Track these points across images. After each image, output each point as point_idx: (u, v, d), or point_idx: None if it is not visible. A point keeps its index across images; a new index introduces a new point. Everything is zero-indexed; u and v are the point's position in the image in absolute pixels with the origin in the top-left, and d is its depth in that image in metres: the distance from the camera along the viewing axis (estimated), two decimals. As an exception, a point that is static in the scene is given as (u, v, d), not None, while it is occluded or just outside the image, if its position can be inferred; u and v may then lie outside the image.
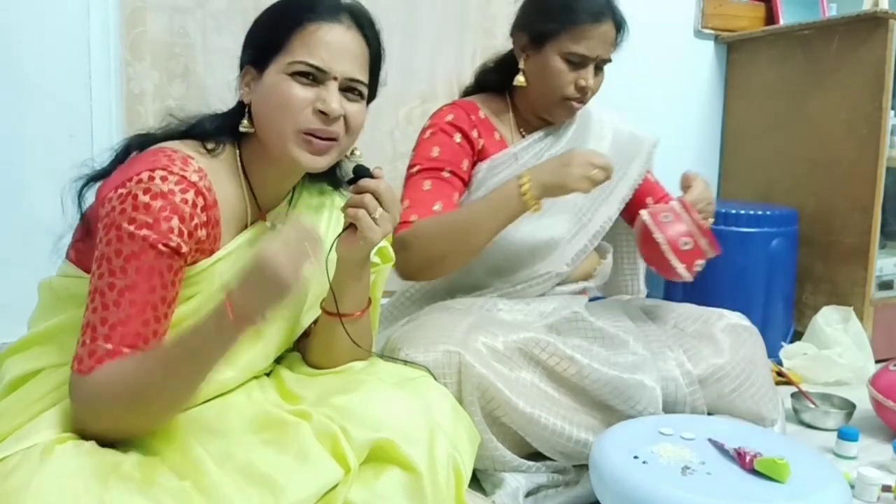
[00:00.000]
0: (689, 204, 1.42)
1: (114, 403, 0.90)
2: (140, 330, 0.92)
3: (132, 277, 0.92)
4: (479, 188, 1.53)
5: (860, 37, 2.16)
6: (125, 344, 0.91)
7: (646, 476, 1.06)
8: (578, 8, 1.46)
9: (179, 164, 0.97)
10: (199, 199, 0.97)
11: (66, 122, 1.70)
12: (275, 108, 1.01)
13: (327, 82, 1.01)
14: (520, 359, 1.32)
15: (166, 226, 0.93)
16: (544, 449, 1.29)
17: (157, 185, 0.94)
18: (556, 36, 1.47)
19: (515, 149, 1.56)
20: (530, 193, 1.34)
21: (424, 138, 1.54)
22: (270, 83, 1.01)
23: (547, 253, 1.54)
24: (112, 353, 0.90)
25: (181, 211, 0.95)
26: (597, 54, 1.48)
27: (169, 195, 0.94)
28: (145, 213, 0.93)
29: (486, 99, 1.62)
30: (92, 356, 0.90)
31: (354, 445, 0.95)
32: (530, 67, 1.53)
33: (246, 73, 1.05)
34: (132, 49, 1.70)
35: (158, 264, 0.94)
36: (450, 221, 1.42)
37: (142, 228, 0.92)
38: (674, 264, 1.40)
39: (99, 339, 0.91)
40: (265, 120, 1.03)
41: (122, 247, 0.92)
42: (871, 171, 2.13)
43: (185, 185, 0.96)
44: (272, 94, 1.01)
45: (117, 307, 0.91)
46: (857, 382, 1.96)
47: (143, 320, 0.93)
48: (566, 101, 1.52)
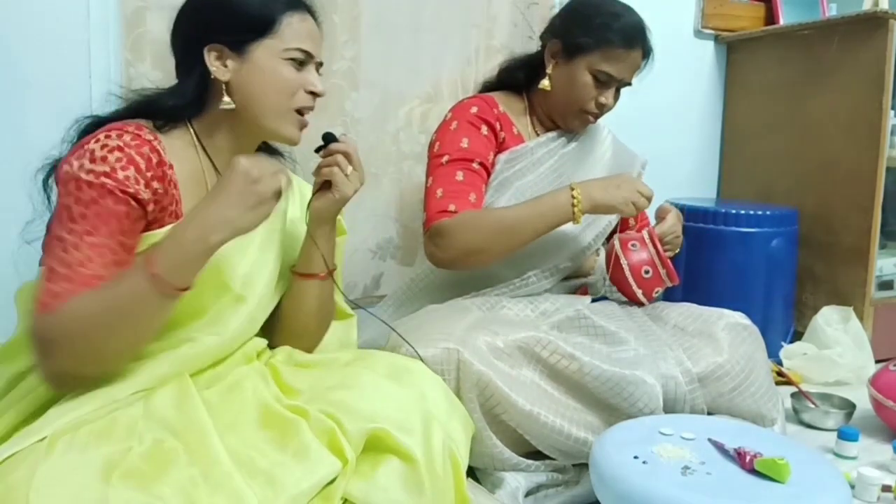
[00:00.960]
0: (656, 235, 1.55)
1: (64, 339, 0.93)
2: (100, 272, 0.95)
3: (92, 221, 0.96)
4: (495, 179, 1.58)
5: (860, 37, 2.16)
6: (85, 284, 0.94)
7: (646, 476, 1.06)
8: (616, 30, 1.53)
9: (133, 128, 1.02)
10: (154, 155, 1.02)
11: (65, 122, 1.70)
12: (269, 89, 1.10)
13: (310, 65, 1.14)
14: (520, 356, 1.32)
15: (123, 174, 0.98)
16: (543, 447, 1.29)
17: (112, 140, 0.99)
18: (590, 51, 1.54)
19: (532, 144, 1.63)
20: (580, 206, 1.42)
21: (450, 129, 1.57)
22: (262, 66, 1.10)
23: (556, 246, 1.57)
24: (73, 292, 0.93)
25: (136, 162, 1.00)
26: (623, 77, 1.57)
27: (125, 148, 0.99)
28: (102, 163, 0.97)
29: (503, 96, 1.67)
30: (54, 296, 0.93)
31: (350, 438, 0.96)
32: (557, 74, 1.59)
33: (211, 49, 1.09)
34: (132, 49, 1.69)
35: (117, 210, 0.98)
36: (495, 218, 1.46)
37: (99, 177, 0.97)
38: (634, 289, 1.55)
39: (61, 280, 0.94)
40: (254, 99, 1.10)
41: (81, 195, 0.96)
42: (871, 171, 2.13)
43: (139, 141, 1.01)
44: (266, 76, 1.10)
45: (77, 249, 0.95)
46: (857, 382, 1.96)
47: (103, 262, 0.96)
48: (584, 113, 1.60)
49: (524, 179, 1.59)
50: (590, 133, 1.72)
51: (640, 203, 1.44)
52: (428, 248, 1.49)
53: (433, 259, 1.50)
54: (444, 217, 1.46)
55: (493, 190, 1.57)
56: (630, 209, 1.44)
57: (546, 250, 1.56)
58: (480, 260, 1.48)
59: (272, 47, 1.10)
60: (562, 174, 1.63)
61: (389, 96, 2.00)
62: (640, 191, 1.45)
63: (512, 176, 1.58)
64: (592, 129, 1.72)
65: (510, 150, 1.60)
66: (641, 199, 1.45)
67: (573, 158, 1.66)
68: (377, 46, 1.95)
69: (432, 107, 2.04)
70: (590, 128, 1.70)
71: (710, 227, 2.17)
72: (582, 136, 1.70)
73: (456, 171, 1.52)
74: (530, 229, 1.44)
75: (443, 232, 1.45)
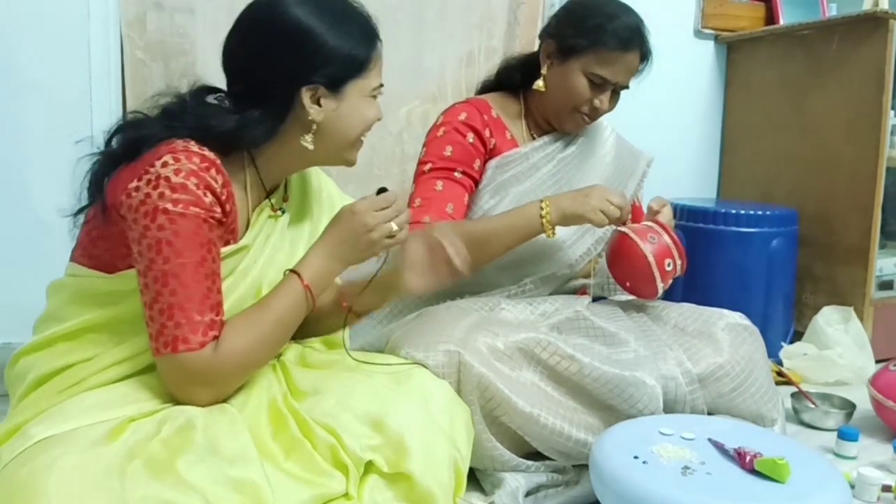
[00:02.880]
0: (666, 225, 1.49)
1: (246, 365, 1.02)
2: (218, 298, 1.01)
3: (199, 253, 0.98)
4: (488, 185, 1.56)
5: (860, 37, 2.16)
6: (215, 313, 0.98)
7: (646, 476, 1.06)
8: (611, 32, 1.49)
9: (196, 146, 1.01)
10: (220, 175, 1.02)
11: (66, 122, 1.70)
12: (358, 128, 1.13)
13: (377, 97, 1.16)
14: (521, 358, 1.32)
15: (207, 200, 0.99)
16: (544, 449, 1.29)
17: (184, 164, 0.98)
18: (583, 53, 1.51)
19: (526, 149, 1.60)
20: (548, 218, 1.40)
21: (437, 136, 1.56)
22: (354, 105, 1.12)
23: (552, 254, 1.56)
24: (212, 325, 0.97)
25: (212, 186, 1.00)
26: (617, 80, 1.53)
27: (199, 172, 0.99)
28: (184, 192, 0.97)
29: (499, 98, 1.65)
30: (196, 332, 0.96)
31: (350, 454, 0.99)
32: (552, 75, 1.56)
33: (309, 90, 1.07)
34: (133, 49, 1.69)
35: (212, 237, 1.01)
36: (466, 231, 1.44)
37: (189, 206, 0.97)
38: (657, 283, 1.46)
39: (194, 315, 0.96)
40: (341, 136, 1.12)
41: (179, 228, 0.97)
42: (871, 171, 2.13)
43: (207, 163, 1.00)
44: (356, 115, 1.12)
45: (197, 283, 0.97)
46: (857, 382, 1.96)
47: (217, 289, 1.00)
48: (577, 114, 1.57)
49: (522, 186, 1.56)
50: (590, 134, 1.68)
51: (609, 211, 1.41)
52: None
53: None
54: (416, 228, 1.45)
55: (487, 196, 1.55)
56: (599, 217, 1.40)
57: (544, 258, 1.55)
58: None
59: (363, 86, 1.12)
60: (560, 179, 1.60)
61: (391, 96, 1.99)
62: (609, 199, 1.41)
63: (507, 182, 1.56)
64: (593, 130, 1.68)
65: (501, 155, 1.57)
66: (611, 208, 1.41)
67: (572, 162, 1.64)
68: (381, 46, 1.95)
69: (433, 107, 2.05)
70: (591, 128, 1.66)
71: (710, 227, 2.17)
72: (582, 139, 1.66)
73: (436, 180, 1.51)
74: (501, 243, 1.43)
75: None
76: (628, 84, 1.56)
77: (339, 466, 0.99)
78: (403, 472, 1.00)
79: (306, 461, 0.99)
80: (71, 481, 0.83)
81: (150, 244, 0.96)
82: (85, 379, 1.02)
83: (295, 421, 1.04)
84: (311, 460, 0.99)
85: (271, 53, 1.06)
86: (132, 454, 0.88)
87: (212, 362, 0.97)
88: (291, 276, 1.06)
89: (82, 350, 1.04)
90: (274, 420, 1.04)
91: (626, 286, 1.52)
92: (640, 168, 1.71)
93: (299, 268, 1.07)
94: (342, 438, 1.00)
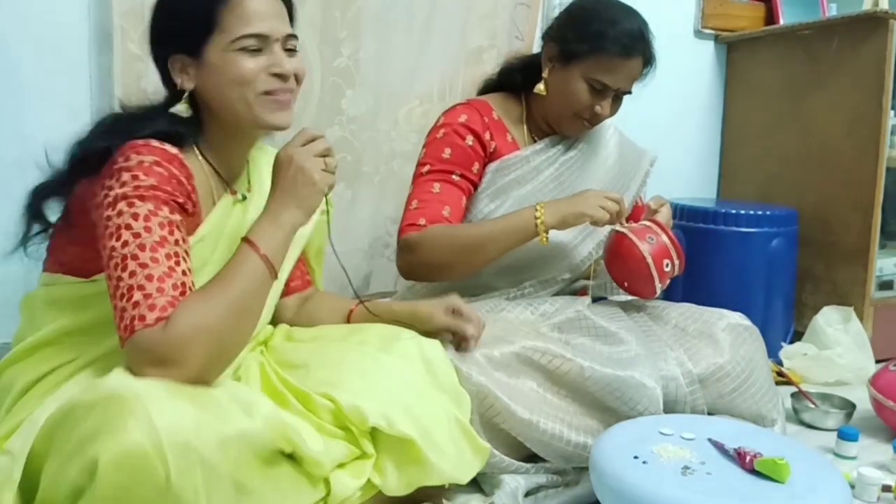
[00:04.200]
0: (664, 225, 1.48)
1: (200, 338, 0.92)
2: (183, 279, 0.96)
3: (158, 233, 0.95)
4: (488, 188, 1.56)
5: (860, 37, 2.16)
6: (178, 293, 0.94)
7: (646, 476, 1.06)
8: (612, 37, 1.47)
9: (157, 143, 1.00)
10: (183, 169, 1.02)
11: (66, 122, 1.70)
12: (231, 85, 1.04)
13: (272, 46, 1.05)
14: (519, 365, 1.32)
15: (169, 187, 0.98)
16: (543, 453, 1.29)
17: (146, 157, 0.98)
18: (584, 59, 1.49)
19: (527, 152, 1.59)
20: (542, 220, 1.40)
21: (437, 137, 1.55)
22: (217, 64, 1.04)
23: (553, 257, 1.55)
24: (172, 303, 0.93)
25: (176, 175, 1.00)
26: (619, 86, 1.51)
27: (163, 163, 0.99)
28: (147, 177, 0.96)
29: (500, 100, 1.63)
30: (153, 309, 0.91)
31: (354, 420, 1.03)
32: (553, 79, 1.54)
33: (174, 62, 1.06)
34: (132, 49, 1.69)
35: (175, 219, 0.98)
36: (461, 234, 1.45)
37: (149, 190, 0.96)
38: (656, 284, 1.46)
39: (153, 293, 0.92)
40: (222, 98, 1.06)
41: (138, 209, 0.95)
42: (871, 171, 2.13)
43: (169, 157, 1.00)
44: (224, 73, 1.04)
45: (156, 262, 0.94)
46: (857, 382, 1.95)
47: (182, 270, 0.96)
48: (578, 119, 1.55)
49: (523, 189, 1.55)
50: (593, 137, 1.66)
51: (608, 206, 1.41)
52: (397, 260, 1.49)
53: (401, 271, 1.50)
54: (412, 231, 1.45)
55: (487, 199, 1.54)
56: (599, 213, 1.40)
57: (544, 262, 1.55)
58: (447, 275, 1.48)
59: (219, 42, 1.03)
60: (563, 182, 1.59)
61: (385, 95, 2.00)
62: (606, 196, 1.42)
63: (507, 185, 1.55)
64: (596, 132, 1.66)
65: (501, 158, 1.56)
66: (609, 203, 1.41)
67: (574, 165, 1.62)
68: (374, 45, 1.95)
69: (429, 106, 2.04)
70: (593, 130, 1.64)
71: (710, 227, 2.17)
72: (584, 141, 1.65)
73: (434, 182, 1.51)
74: (496, 247, 1.43)
75: (410, 246, 1.45)
76: (630, 89, 1.54)
77: (345, 430, 1.03)
78: (403, 437, 1.03)
79: (317, 429, 1.02)
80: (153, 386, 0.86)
81: (111, 232, 0.95)
82: (70, 377, 1.02)
83: (293, 395, 1.06)
84: (321, 428, 1.02)
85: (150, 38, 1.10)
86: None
87: (161, 338, 0.90)
88: (243, 245, 1.00)
89: (64, 353, 1.04)
90: (272, 398, 1.05)
91: (625, 286, 1.52)
92: (643, 168, 1.70)
93: (251, 234, 1.02)
94: (339, 403, 1.02)
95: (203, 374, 0.93)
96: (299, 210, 1.03)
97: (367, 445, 1.04)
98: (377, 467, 1.05)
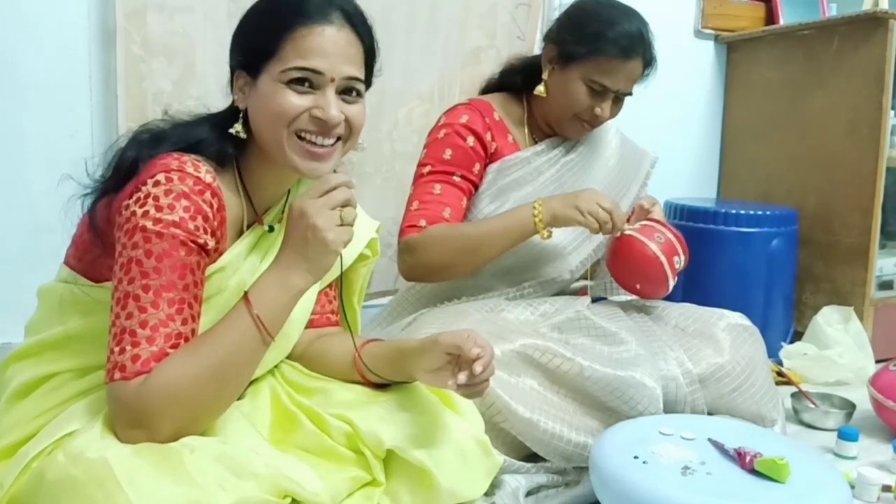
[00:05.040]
0: (664, 222, 1.47)
1: (173, 404, 0.88)
2: (181, 329, 0.91)
3: (167, 276, 0.91)
4: (489, 188, 1.55)
5: (860, 37, 2.16)
6: (169, 344, 0.90)
7: (646, 476, 1.06)
8: (610, 39, 1.46)
9: (192, 167, 0.96)
10: (215, 199, 0.97)
11: (66, 122, 1.70)
12: (270, 117, 0.98)
13: (324, 87, 0.98)
14: (519, 364, 1.32)
15: (192, 224, 0.93)
16: (544, 453, 1.29)
17: (176, 185, 0.93)
18: (583, 61, 1.48)
19: (528, 153, 1.59)
20: (540, 217, 1.40)
21: (438, 137, 1.55)
22: (265, 91, 0.99)
23: (552, 259, 1.55)
24: (158, 356, 0.89)
25: (204, 211, 0.95)
26: (618, 88, 1.50)
27: (190, 194, 0.93)
28: (170, 212, 0.92)
29: (502, 100, 1.63)
30: (136, 361, 0.88)
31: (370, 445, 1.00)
32: (553, 81, 1.54)
33: (238, 77, 1.02)
34: (133, 49, 1.69)
35: (190, 261, 0.93)
36: (461, 235, 1.44)
37: (169, 227, 0.91)
38: (669, 282, 1.45)
39: (142, 342, 0.88)
40: (261, 127, 1.01)
41: (152, 247, 0.90)
42: (871, 171, 2.13)
43: (202, 187, 0.95)
44: (267, 103, 0.98)
45: (156, 308, 0.90)
46: (857, 382, 1.96)
47: (182, 318, 0.92)
48: (578, 121, 1.54)
49: (523, 190, 1.55)
50: (594, 138, 1.66)
51: (598, 215, 1.39)
52: (398, 261, 1.49)
53: (402, 272, 1.50)
54: (413, 232, 1.46)
55: (487, 200, 1.54)
56: (587, 220, 1.39)
57: (543, 264, 1.55)
58: (448, 274, 1.48)
59: (273, 70, 0.98)
60: (564, 184, 1.59)
61: (386, 96, 2.00)
62: (599, 203, 1.40)
63: (508, 186, 1.55)
64: (597, 134, 1.65)
65: (502, 159, 1.56)
66: (600, 212, 1.40)
67: (575, 167, 1.62)
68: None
69: (429, 107, 2.05)
70: (595, 132, 1.63)
71: (710, 227, 2.18)
72: (585, 142, 1.64)
73: (434, 183, 1.51)
74: (496, 245, 1.43)
75: (410, 248, 1.45)
76: (631, 91, 1.54)
77: (357, 454, 1.00)
78: (417, 463, 1.01)
79: (328, 452, 0.99)
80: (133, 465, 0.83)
81: (123, 263, 0.91)
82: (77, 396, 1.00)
83: (306, 416, 1.03)
84: (333, 451, 0.99)
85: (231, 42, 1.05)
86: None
87: (134, 395, 0.87)
88: (241, 303, 0.94)
89: (66, 360, 1.03)
90: (283, 422, 1.03)
91: (637, 288, 1.51)
92: (643, 169, 1.70)
93: (252, 290, 0.95)
94: (357, 426, 0.99)
95: (175, 437, 0.89)
96: (309, 274, 0.96)
97: (378, 472, 1.01)
98: (390, 493, 1.01)
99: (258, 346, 0.94)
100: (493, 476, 1.12)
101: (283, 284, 0.95)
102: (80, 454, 0.84)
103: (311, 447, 1.01)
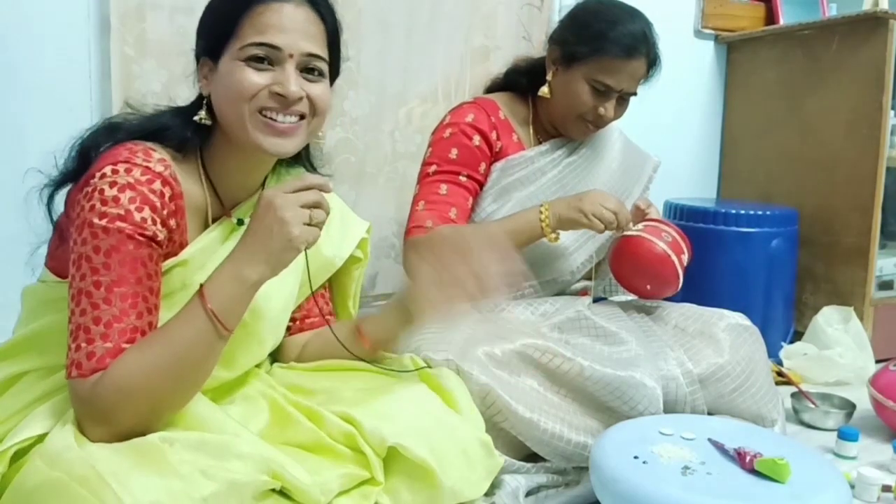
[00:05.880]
0: (664, 220, 1.47)
1: (129, 400, 0.88)
2: (136, 323, 0.91)
3: (117, 271, 0.90)
4: (492, 187, 1.56)
5: (860, 37, 2.16)
6: (124, 340, 0.89)
7: (646, 476, 1.06)
8: (614, 39, 1.46)
9: (142, 156, 0.95)
10: (167, 188, 0.96)
11: (66, 122, 1.70)
12: (231, 96, 0.98)
13: (284, 63, 0.98)
14: (519, 363, 1.32)
15: (139, 216, 0.92)
16: (544, 453, 1.29)
17: (121, 177, 0.92)
18: (586, 61, 1.48)
19: (531, 153, 1.59)
20: (547, 222, 1.41)
21: (443, 136, 1.55)
22: (225, 71, 0.98)
23: (554, 260, 1.56)
24: (114, 352, 0.89)
25: (151, 201, 0.93)
26: (622, 88, 1.50)
27: (136, 185, 0.93)
28: (115, 205, 0.91)
29: (507, 100, 1.63)
30: (91, 357, 0.88)
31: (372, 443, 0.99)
32: (556, 82, 1.54)
33: (203, 64, 1.03)
34: (132, 48, 1.69)
35: (140, 254, 0.92)
36: (467, 235, 1.43)
37: (115, 221, 0.91)
38: (680, 281, 1.45)
39: (96, 339, 0.88)
40: (224, 109, 1.01)
41: (100, 243, 0.90)
42: (871, 171, 2.13)
43: (150, 176, 0.94)
44: (228, 83, 0.98)
45: (108, 304, 0.89)
46: (858, 382, 1.96)
47: (137, 313, 0.91)
48: (582, 121, 1.55)
49: (526, 190, 1.55)
50: (598, 140, 1.66)
51: (604, 216, 1.40)
52: (403, 260, 1.50)
53: (407, 273, 1.50)
54: (419, 233, 1.46)
55: (490, 199, 1.55)
56: (594, 222, 1.40)
57: (545, 265, 1.55)
58: None
59: (232, 50, 0.98)
60: (566, 185, 1.59)
61: (387, 96, 2.00)
62: (603, 204, 1.41)
63: (511, 185, 1.55)
64: (601, 136, 1.66)
65: (507, 158, 1.56)
66: (605, 213, 1.40)
67: (578, 168, 1.63)
68: (375, 46, 1.95)
69: (430, 107, 2.05)
70: (598, 133, 1.64)
71: (710, 227, 2.18)
72: (588, 144, 1.65)
73: (440, 183, 1.51)
74: None
75: (416, 248, 1.44)
76: (635, 91, 1.54)
77: (355, 452, 0.99)
78: (419, 461, 1.00)
79: (323, 448, 0.98)
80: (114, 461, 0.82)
81: (75, 259, 0.91)
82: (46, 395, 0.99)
83: (304, 415, 1.02)
84: (328, 447, 0.98)
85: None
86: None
87: (91, 392, 0.87)
88: (195, 299, 0.92)
89: (34, 359, 1.03)
90: (279, 422, 1.03)
91: (647, 289, 1.50)
92: (646, 173, 1.71)
93: (207, 282, 0.92)
94: (360, 424, 0.99)
95: (137, 431, 0.88)
96: (267, 266, 0.93)
97: (377, 471, 0.99)
98: (390, 491, 1.00)
99: (214, 340, 0.92)
100: (494, 476, 1.12)
101: (238, 277, 0.92)
102: (59, 455, 0.83)
103: (305, 443, 1.00)
